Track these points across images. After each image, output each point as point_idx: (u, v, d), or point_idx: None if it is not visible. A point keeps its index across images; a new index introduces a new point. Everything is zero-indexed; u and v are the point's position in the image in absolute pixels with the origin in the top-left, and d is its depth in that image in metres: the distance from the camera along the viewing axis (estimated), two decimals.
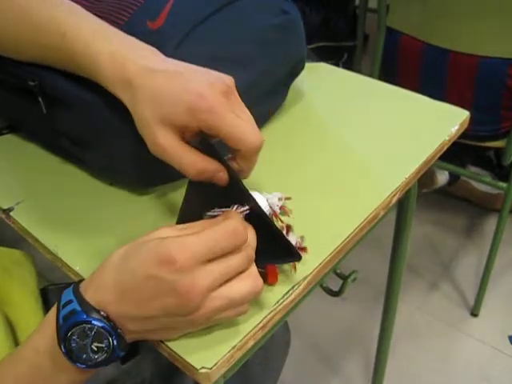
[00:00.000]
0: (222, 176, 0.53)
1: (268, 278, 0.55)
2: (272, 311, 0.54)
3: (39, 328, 0.50)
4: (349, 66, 2.23)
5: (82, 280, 0.50)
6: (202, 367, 0.49)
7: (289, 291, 0.56)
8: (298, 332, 0.99)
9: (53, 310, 0.49)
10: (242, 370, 0.60)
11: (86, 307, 0.46)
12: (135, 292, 0.46)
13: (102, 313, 0.46)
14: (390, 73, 1.51)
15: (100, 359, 0.48)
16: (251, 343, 0.53)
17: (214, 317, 0.48)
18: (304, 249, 0.60)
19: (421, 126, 0.80)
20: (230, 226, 0.48)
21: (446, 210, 1.97)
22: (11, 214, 0.68)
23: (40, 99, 0.66)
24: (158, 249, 0.45)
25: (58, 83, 0.64)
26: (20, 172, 0.74)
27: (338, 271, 0.84)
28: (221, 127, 0.51)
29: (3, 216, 0.69)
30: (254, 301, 0.55)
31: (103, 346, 0.47)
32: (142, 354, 0.81)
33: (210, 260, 0.47)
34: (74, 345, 0.46)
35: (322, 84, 0.90)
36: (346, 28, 2.27)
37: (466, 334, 1.61)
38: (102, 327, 0.46)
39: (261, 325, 0.53)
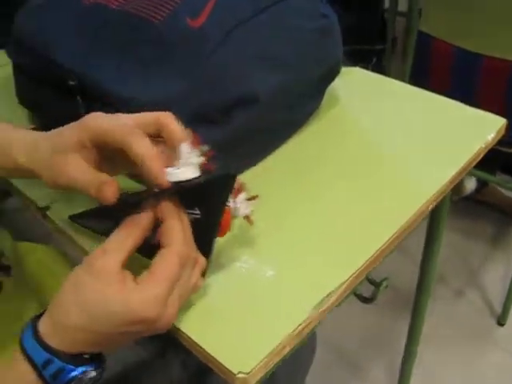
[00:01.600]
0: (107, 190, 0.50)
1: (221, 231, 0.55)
2: (308, 317, 0.54)
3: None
4: (378, 69, 2.22)
5: (37, 331, 0.48)
6: (240, 372, 0.49)
7: (325, 298, 0.56)
8: (323, 337, 0.99)
9: (27, 369, 0.47)
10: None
11: (70, 360, 0.47)
12: (111, 342, 0.48)
13: (85, 356, 0.48)
14: (421, 76, 1.49)
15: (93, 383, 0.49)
16: (288, 349, 0.52)
17: None
18: (249, 219, 0.58)
19: (456, 133, 0.79)
20: (175, 255, 0.48)
21: (474, 217, 1.94)
22: (47, 212, 0.68)
23: (78, 98, 0.67)
24: (126, 315, 0.45)
25: (98, 82, 0.65)
26: None
27: (370, 277, 0.84)
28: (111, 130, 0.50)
29: (39, 214, 0.70)
30: (290, 307, 0.55)
31: (97, 376, 0.49)
32: (171, 355, 0.82)
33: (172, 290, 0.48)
34: None
35: (356, 89, 0.89)
36: (374, 31, 2.25)
37: (492, 344, 1.58)
38: (93, 369, 0.48)
39: (296, 331, 0.53)
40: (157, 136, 0.51)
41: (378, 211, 0.66)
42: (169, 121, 0.51)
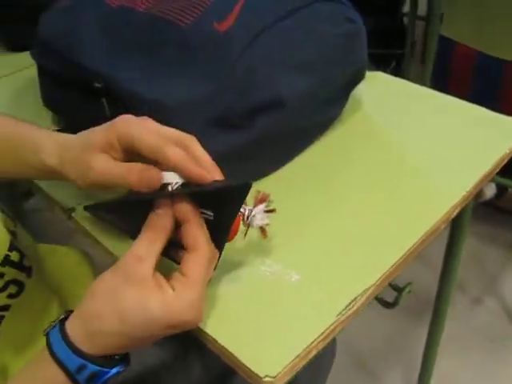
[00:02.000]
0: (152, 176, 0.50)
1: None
2: (335, 322, 0.54)
3: None
4: (397, 73, 2.21)
5: (66, 337, 0.48)
6: (266, 376, 0.49)
7: (351, 303, 0.55)
8: (340, 341, 0.98)
9: (59, 374, 0.47)
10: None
11: (103, 363, 0.48)
12: (142, 344, 0.49)
13: (116, 357, 0.49)
14: (441, 81, 1.49)
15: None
16: (313, 353, 0.52)
17: None
18: (264, 231, 0.57)
19: (480, 138, 0.79)
20: (206, 257, 0.49)
21: (493, 224, 1.92)
22: (72, 214, 0.69)
23: (104, 101, 0.67)
24: (165, 321, 0.46)
25: (122, 84, 0.65)
26: None
27: (392, 283, 0.83)
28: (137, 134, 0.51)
29: (65, 216, 0.70)
30: (316, 312, 0.55)
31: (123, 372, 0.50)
32: (192, 358, 0.82)
33: None
34: None
35: (379, 93, 0.89)
36: (394, 36, 2.25)
37: (511, 351, 1.57)
38: (124, 366, 0.50)
39: (323, 336, 0.53)
40: None
41: (402, 217, 0.66)
42: (195, 146, 0.51)
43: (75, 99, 0.72)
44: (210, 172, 0.50)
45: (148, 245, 0.48)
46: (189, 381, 0.80)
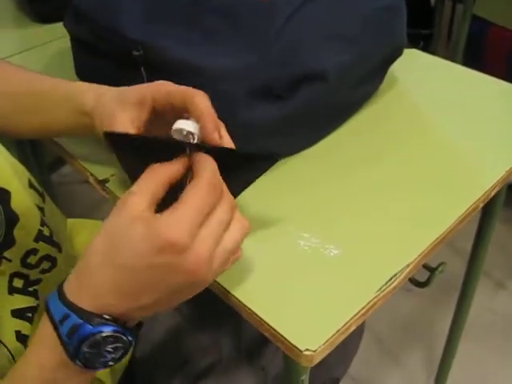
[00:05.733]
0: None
1: None
2: (375, 297, 0.53)
3: (40, 344, 0.46)
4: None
5: (61, 286, 0.45)
6: (307, 349, 0.49)
7: (391, 279, 0.55)
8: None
9: (47, 325, 0.44)
10: None
11: (88, 317, 0.43)
12: (138, 286, 0.43)
13: (105, 316, 0.43)
14: (473, 62, 1.46)
15: (118, 356, 0.46)
16: (353, 328, 0.52)
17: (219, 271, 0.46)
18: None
19: None
20: (206, 182, 0.44)
21: None
22: (107, 185, 0.69)
23: (142, 70, 0.66)
24: (151, 237, 0.42)
25: (165, 51, 0.64)
26: None
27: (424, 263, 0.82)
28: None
29: (98, 187, 0.70)
30: (356, 287, 0.54)
31: (119, 345, 0.45)
32: (223, 332, 0.82)
33: (201, 223, 0.44)
34: (87, 356, 0.44)
35: (415, 71, 0.88)
36: (421, 15, 2.22)
37: None
38: (112, 331, 0.43)
39: (363, 311, 0.52)
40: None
41: (441, 195, 0.65)
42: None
43: (111, 69, 0.71)
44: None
45: (142, 183, 0.45)
46: (219, 356, 0.80)
